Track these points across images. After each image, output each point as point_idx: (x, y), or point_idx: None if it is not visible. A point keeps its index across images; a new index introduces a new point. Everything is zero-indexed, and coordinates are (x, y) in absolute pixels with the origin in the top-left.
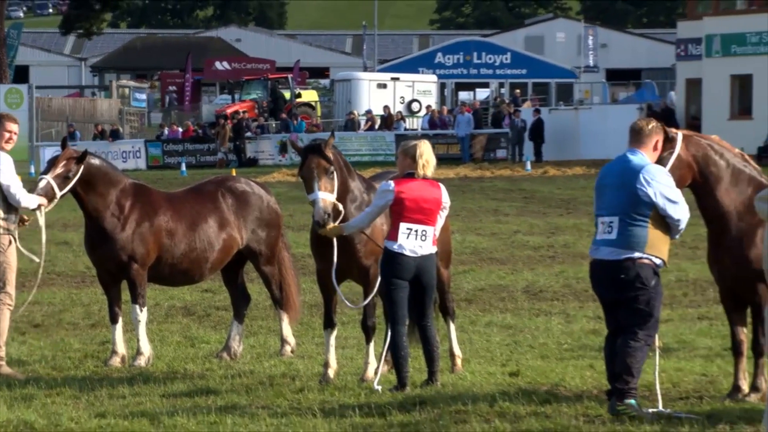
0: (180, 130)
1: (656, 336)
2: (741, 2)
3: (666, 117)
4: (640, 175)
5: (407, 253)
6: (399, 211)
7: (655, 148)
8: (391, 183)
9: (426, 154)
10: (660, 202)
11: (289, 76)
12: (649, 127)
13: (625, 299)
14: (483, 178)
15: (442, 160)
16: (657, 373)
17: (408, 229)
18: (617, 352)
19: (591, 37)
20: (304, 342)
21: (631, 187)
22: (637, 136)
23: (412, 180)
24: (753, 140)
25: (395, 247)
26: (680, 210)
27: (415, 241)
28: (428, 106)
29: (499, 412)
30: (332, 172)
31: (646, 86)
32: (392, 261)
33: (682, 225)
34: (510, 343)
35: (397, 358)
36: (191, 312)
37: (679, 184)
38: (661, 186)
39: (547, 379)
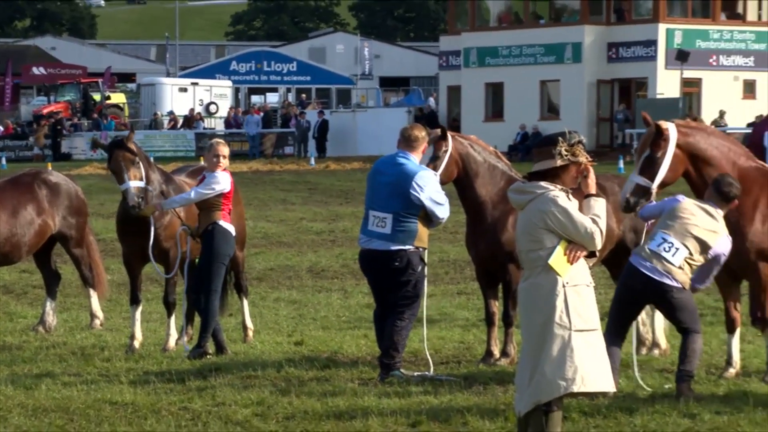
0: (1, 128)
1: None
2: (493, 20)
3: (430, 119)
4: (414, 182)
5: (234, 233)
6: (231, 197)
7: (421, 153)
8: (228, 174)
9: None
10: (429, 205)
11: (100, 80)
12: (422, 135)
13: (395, 284)
14: (273, 172)
15: (237, 156)
16: (425, 341)
17: (230, 212)
18: (385, 330)
19: (366, 49)
20: (112, 316)
21: (404, 190)
22: (411, 143)
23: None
24: (504, 140)
25: (231, 229)
26: (445, 210)
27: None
28: (231, 107)
29: (285, 377)
30: (138, 162)
31: (414, 92)
32: (231, 239)
33: (443, 222)
34: (295, 316)
35: (214, 324)
36: (10, 290)
37: (449, 179)
38: (432, 192)
39: (327, 347)
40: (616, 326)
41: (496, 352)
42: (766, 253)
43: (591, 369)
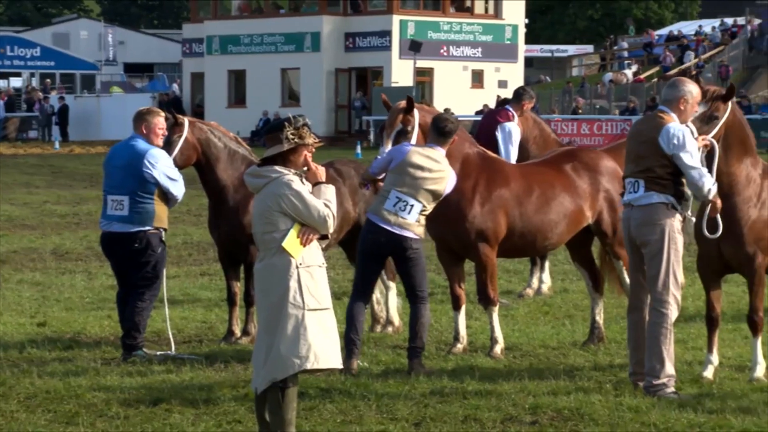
0: None
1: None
2: (235, 10)
3: (174, 105)
4: (145, 160)
5: None
6: None
7: (155, 134)
8: None
9: None
10: (163, 181)
11: None
12: (142, 114)
13: (135, 265)
14: (17, 155)
15: None
16: (168, 321)
17: None
18: (126, 311)
19: (110, 35)
20: None
21: (137, 170)
22: (135, 122)
23: None
24: (247, 125)
25: None
26: (180, 187)
27: None
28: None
29: (27, 358)
30: None
31: (158, 78)
32: None
33: (180, 198)
34: (39, 298)
35: None
36: None
37: (186, 164)
38: (164, 167)
39: (71, 328)
40: (361, 283)
41: (237, 331)
42: (485, 234)
43: (323, 347)
